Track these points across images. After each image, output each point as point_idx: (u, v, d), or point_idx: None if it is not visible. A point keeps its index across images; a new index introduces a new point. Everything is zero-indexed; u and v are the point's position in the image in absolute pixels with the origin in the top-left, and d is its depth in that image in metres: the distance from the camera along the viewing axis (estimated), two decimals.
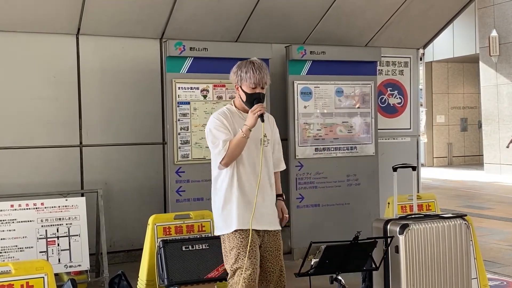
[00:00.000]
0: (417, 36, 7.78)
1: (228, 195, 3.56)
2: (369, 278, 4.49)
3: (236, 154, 3.45)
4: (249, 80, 3.50)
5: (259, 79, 3.50)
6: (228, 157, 3.44)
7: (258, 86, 3.51)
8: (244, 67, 3.56)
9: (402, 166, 4.53)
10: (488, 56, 16.34)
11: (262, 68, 3.54)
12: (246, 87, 3.53)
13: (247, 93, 3.53)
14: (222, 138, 3.47)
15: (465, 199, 11.72)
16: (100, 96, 6.34)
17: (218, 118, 3.57)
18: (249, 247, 3.48)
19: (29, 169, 6.02)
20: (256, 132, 3.50)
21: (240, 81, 3.56)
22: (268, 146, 3.63)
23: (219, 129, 3.52)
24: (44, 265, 3.17)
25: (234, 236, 3.54)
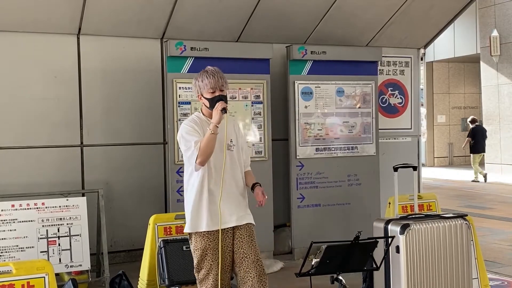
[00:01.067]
0: (418, 36, 7.78)
1: (197, 197, 3.73)
2: (369, 278, 4.49)
3: (208, 151, 3.61)
4: (207, 86, 3.74)
5: (214, 83, 3.72)
6: (201, 154, 3.60)
7: (217, 90, 3.73)
8: (199, 77, 3.80)
9: (403, 166, 4.53)
10: (489, 56, 16.33)
11: (216, 73, 3.76)
12: (206, 93, 3.75)
13: (208, 98, 3.75)
14: (194, 140, 3.66)
15: (466, 199, 11.71)
16: (101, 96, 6.34)
17: (189, 124, 3.78)
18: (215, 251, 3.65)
19: (30, 169, 6.03)
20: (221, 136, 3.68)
21: (200, 90, 3.79)
22: (234, 150, 3.80)
23: (190, 133, 3.71)
24: (45, 265, 3.17)
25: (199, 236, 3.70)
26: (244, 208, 3.81)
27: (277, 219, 6.55)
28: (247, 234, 3.74)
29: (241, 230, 3.75)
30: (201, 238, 3.70)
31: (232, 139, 3.82)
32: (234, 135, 3.85)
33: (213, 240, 3.67)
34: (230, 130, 3.79)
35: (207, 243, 3.67)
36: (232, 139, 3.82)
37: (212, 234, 3.67)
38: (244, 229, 3.76)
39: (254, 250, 3.74)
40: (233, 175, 3.78)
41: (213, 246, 3.67)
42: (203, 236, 3.69)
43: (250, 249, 3.72)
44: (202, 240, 3.69)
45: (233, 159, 3.79)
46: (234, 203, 3.76)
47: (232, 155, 3.79)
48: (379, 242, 3.86)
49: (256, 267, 3.67)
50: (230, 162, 3.76)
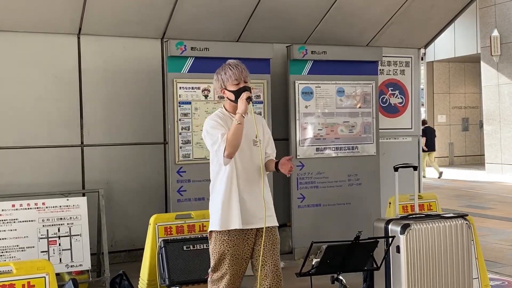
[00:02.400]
0: (418, 36, 7.78)
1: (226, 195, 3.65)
2: (370, 278, 4.49)
3: (236, 143, 3.51)
4: (231, 78, 3.64)
5: (239, 74, 3.63)
6: (228, 146, 3.50)
7: (241, 81, 3.64)
8: (222, 70, 3.72)
9: (403, 166, 4.53)
10: (490, 56, 16.32)
11: (239, 65, 3.69)
12: (230, 86, 3.65)
13: (232, 90, 3.65)
14: (220, 133, 3.57)
15: (466, 199, 11.71)
16: (101, 96, 6.34)
17: (213, 119, 3.70)
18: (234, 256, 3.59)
19: (30, 169, 6.03)
20: (248, 133, 3.61)
21: (224, 84, 3.69)
22: (260, 146, 3.70)
23: (215, 127, 3.62)
24: (46, 265, 3.17)
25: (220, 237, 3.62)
26: (269, 208, 3.72)
27: (278, 219, 6.53)
28: (269, 239, 3.67)
29: (265, 233, 3.66)
30: (221, 239, 3.62)
31: (257, 134, 3.72)
32: (260, 131, 3.75)
33: (234, 244, 3.59)
34: (255, 125, 3.68)
35: (227, 247, 3.60)
36: (258, 134, 3.72)
37: (234, 236, 3.60)
38: (267, 232, 3.66)
39: (274, 258, 3.66)
40: (258, 171, 3.69)
41: (233, 250, 3.59)
42: (225, 237, 3.60)
43: (271, 256, 3.65)
44: (222, 242, 3.61)
45: (257, 154, 3.70)
46: (260, 203, 3.66)
47: (257, 150, 3.70)
48: (380, 242, 3.86)
49: (274, 277, 3.61)
50: (256, 159, 3.67)
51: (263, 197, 3.62)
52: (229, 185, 3.62)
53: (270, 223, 3.68)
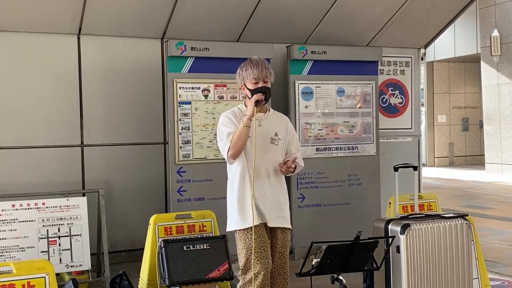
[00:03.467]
0: (418, 36, 7.78)
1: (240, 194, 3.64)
2: (370, 278, 4.48)
3: (240, 144, 3.50)
4: (250, 76, 3.63)
5: (258, 74, 3.61)
6: (232, 147, 3.50)
7: (260, 81, 3.62)
8: (244, 66, 3.69)
9: (403, 166, 4.53)
10: (490, 56, 16.32)
11: (261, 63, 3.65)
12: (249, 83, 3.65)
13: (250, 89, 3.63)
14: (227, 131, 3.57)
15: (466, 199, 11.71)
16: (101, 96, 6.34)
17: (227, 115, 3.69)
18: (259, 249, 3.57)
19: (30, 169, 6.03)
20: (265, 131, 3.60)
21: (243, 80, 3.68)
22: (279, 144, 3.68)
23: (226, 125, 3.62)
24: (46, 265, 3.17)
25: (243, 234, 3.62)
26: (281, 208, 3.69)
27: None
28: (280, 242, 3.66)
29: (275, 233, 3.66)
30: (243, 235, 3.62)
31: (277, 133, 3.68)
32: (281, 129, 3.71)
33: (258, 237, 3.57)
34: (276, 123, 3.68)
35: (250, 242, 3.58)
36: (278, 132, 3.69)
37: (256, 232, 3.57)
38: (279, 233, 3.66)
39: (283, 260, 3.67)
40: (273, 171, 3.66)
41: (258, 244, 3.57)
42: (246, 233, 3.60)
43: (280, 259, 3.67)
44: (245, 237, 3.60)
45: (274, 153, 3.66)
46: (274, 202, 3.64)
47: (274, 149, 3.66)
48: (380, 242, 3.85)
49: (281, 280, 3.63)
50: (272, 157, 3.65)
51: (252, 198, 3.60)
52: (242, 182, 3.60)
53: (281, 223, 3.68)
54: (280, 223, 3.67)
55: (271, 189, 3.66)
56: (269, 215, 3.63)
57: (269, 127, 3.63)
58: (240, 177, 3.62)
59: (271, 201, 3.65)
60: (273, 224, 3.64)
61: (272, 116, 3.67)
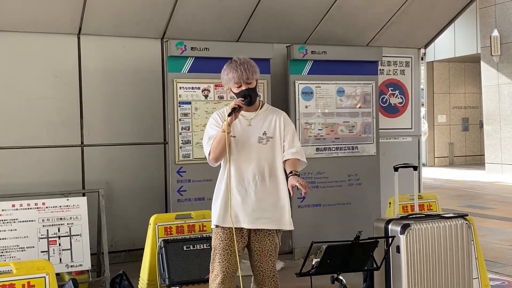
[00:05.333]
0: (419, 35, 7.78)
1: (218, 190, 3.61)
2: (370, 278, 4.48)
3: (219, 150, 3.47)
4: (232, 80, 3.54)
5: (238, 78, 3.50)
6: (212, 152, 3.50)
7: (243, 83, 3.53)
8: (225, 70, 3.60)
9: (403, 166, 4.53)
10: (490, 56, 16.32)
11: (239, 66, 3.52)
12: (233, 87, 3.58)
13: (235, 93, 3.58)
14: (210, 135, 3.55)
15: (466, 199, 11.71)
16: (102, 96, 6.34)
17: (214, 117, 3.64)
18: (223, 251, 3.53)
19: (30, 169, 6.03)
20: (254, 131, 3.55)
21: (228, 84, 3.61)
22: (267, 144, 3.57)
23: (212, 127, 3.60)
24: (46, 265, 3.17)
25: (216, 232, 3.58)
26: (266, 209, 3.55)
27: None
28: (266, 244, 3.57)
29: (257, 236, 3.57)
30: (214, 235, 3.59)
31: (265, 131, 3.58)
32: (271, 127, 3.60)
33: (225, 239, 3.52)
34: (267, 121, 3.59)
35: (219, 240, 3.54)
36: (267, 131, 3.58)
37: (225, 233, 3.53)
38: (263, 236, 3.57)
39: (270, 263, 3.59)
40: (260, 171, 3.54)
41: (223, 246, 3.52)
42: (216, 233, 3.56)
43: (267, 262, 3.58)
44: (215, 237, 3.58)
45: (262, 153, 3.56)
46: (256, 203, 3.53)
47: (262, 149, 3.56)
48: (380, 242, 3.86)
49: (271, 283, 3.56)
50: (257, 157, 3.54)
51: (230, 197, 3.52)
52: (223, 183, 3.57)
53: (263, 225, 3.56)
54: (261, 224, 3.55)
55: (257, 191, 3.54)
56: (249, 217, 3.52)
57: (258, 126, 3.55)
58: (221, 176, 3.60)
59: (255, 204, 3.52)
60: (251, 225, 3.53)
61: (264, 113, 3.57)
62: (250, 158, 3.54)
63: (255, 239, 3.59)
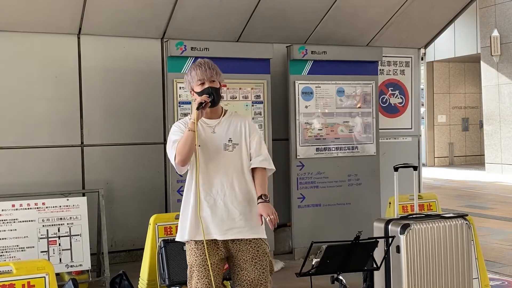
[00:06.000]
0: (419, 36, 7.78)
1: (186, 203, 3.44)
2: (370, 278, 4.49)
3: (185, 150, 3.27)
4: (195, 78, 3.41)
5: (201, 74, 3.38)
6: (178, 153, 3.30)
7: (206, 81, 3.39)
8: (188, 71, 3.50)
9: (403, 166, 4.53)
10: (490, 56, 16.32)
11: (203, 64, 3.43)
12: (195, 87, 3.43)
13: (197, 92, 3.41)
14: (173, 139, 3.39)
15: (466, 199, 11.71)
16: (101, 96, 6.34)
17: (177, 125, 3.50)
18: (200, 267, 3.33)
19: (30, 169, 6.03)
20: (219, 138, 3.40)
21: (190, 85, 3.47)
22: (233, 151, 3.41)
23: (174, 133, 3.43)
24: (45, 264, 3.17)
25: (190, 248, 3.39)
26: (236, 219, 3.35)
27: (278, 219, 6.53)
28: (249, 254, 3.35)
29: (240, 245, 3.36)
30: (189, 251, 3.37)
31: (231, 138, 3.41)
32: (236, 133, 3.44)
33: (200, 255, 3.31)
34: (231, 128, 3.42)
35: (194, 257, 3.34)
36: (232, 138, 3.42)
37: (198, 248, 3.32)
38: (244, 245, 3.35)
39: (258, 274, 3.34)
40: (228, 180, 3.37)
41: (199, 262, 3.31)
42: (191, 249, 3.36)
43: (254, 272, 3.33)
44: (189, 253, 3.36)
45: (229, 161, 3.39)
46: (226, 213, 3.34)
47: (228, 156, 3.39)
48: (380, 242, 3.86)
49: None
50: (223, 165, 3.37)
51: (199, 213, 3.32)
52: (191, 195, 3.39)
53: (236, 235, 3.35)
54: (233, 235, 3.34)
55: (226, 201, 3.36)
56: (219, 229, 3.33)
57: (223, 133, 3.39)
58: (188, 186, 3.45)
59: (224, 214, 3.34)
60: (223, 237, 3.33)
61: (228, 120, 3.43)
62: (217, 167, 3.37)
63: (235, 250, 3.37)
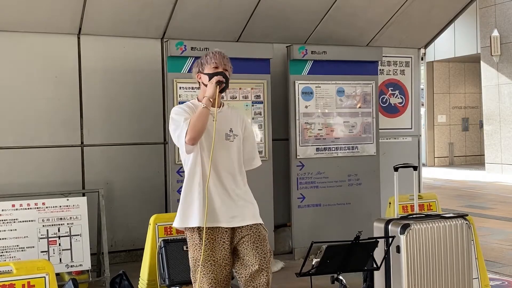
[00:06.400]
0: (418, 36, 7.78)
1: (189, 189, 3.40)
2: (370, 278, 4.49)
3: (199, 127, 3.20)
4: (210, 61, 3.40)
5: (220, 59, 3.39)
6: (191, 130, 3.19)
7: (220, 67, 3.39)
8: (202, 56, 3.48)
9: (403, 166, 4.53)
10: (490, 56, 16.32)
11: (221, 52, 3.45)
12: (208, 69, 3.40)
13: (208, 73, 3.39)
14: (184, 117, 3.29)
15: (466, 199, 11.71)
16: (101, 96, 6.34)
17: (180, 107, 3.43)
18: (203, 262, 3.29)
19: (30, 169, 6.03)
20: (221, 127, 3.37)
21: (201, 67, 3.43)
22: (234, 141, 3.41)
23: (180, 113, 3.34)
24: (46, 265, 3.17)
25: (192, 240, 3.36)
26: (241, 207, 3.36)
27: (278, 219, 6.55)
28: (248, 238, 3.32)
29: (243, 232, 3.34)
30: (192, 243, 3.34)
31: (232, 128, 3.41)
32: (236, 125, 3.45)
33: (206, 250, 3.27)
34: (231, 119, 3.43)
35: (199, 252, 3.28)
36: (233, 128, 3.42)
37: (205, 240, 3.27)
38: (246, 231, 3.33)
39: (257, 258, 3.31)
40: (229, 169, 3.38)
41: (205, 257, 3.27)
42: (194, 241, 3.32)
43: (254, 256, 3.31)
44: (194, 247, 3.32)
45: (231, 150, 3.39)
46: (229, 201, 3.34)
47: (229, 146, 3.38)
48: (380, 242, 3.86)
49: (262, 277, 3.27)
50: (226, 154, 3.36)
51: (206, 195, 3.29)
52: (193, 180, 3.36)
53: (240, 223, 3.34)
54: (238, 222, 3.35)
55: (232, 189, 3.37)
56: (226, 216, 3.32)
57: (224, 122, 3.36)
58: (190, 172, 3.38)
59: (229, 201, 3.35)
60: (230, 224, 3.33)
61: (227, 111, 3.42)
62: (220, 155, 3.35)
63: (237, 238, 3.36)
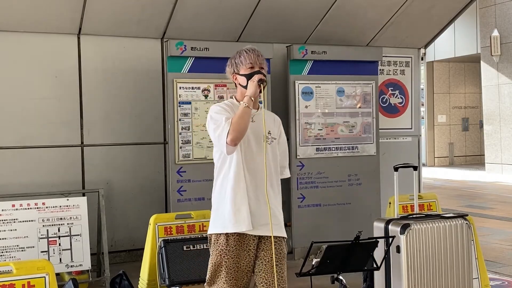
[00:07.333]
0: (419, 35, 7.78)
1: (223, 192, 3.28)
2: (370, 278, 4.49)
3: (242, 126, 3.09)
4: (245, 61, 3.30)
5: (254, 58, 3.29)
6: (233, 130, 3.08)
7: (256, 66, 3.30)
8: (236, 54, 3.39)
9: (403, 166, 4.53)
10: (490, 56, 16.33)
11: (255, 50, 3.35)
12: (243, 70, 3.31)
13: (245, 74, 3.29)
14: (225, 117, 3.17)
15: (466, 199, 11.71)
16: (101, 96, 6.34)
17: (219, 105, 3.33)
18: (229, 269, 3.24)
19: (30, 169, 6.03)
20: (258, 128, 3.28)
21: (236, 68, 3.34)
22: (272, 144, 3.32)
23: (220, 112, 3.24)
24: (46, 264, 3.17)
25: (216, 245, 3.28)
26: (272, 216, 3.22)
27: None
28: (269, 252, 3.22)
29: (266, 244, 3.24)
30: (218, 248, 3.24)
31: (270, 131, 3.30)
32: (274, 128, 3.36)
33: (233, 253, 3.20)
34: (268, 121, 3.30)
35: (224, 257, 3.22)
36: (271, 131, 3.31)
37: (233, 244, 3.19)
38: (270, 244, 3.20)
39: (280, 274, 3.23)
40: (269, 172, 3.25)
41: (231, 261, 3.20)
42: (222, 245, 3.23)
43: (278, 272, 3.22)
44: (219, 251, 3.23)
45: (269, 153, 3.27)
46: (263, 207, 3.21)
47: (268, 148, 3.27)
48: (380, 242, 3.86)
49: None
50: (265, 156, 3.22)
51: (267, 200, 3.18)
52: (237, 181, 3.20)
53: (276, 232, 3.23)
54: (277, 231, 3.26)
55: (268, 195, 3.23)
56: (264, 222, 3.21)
57: (261, 124, 3.24)
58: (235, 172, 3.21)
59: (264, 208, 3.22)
60: (261, 232, 3.22)
61: (265, 113, 3.29)
62: (255, 156, 3.25)
63: (261, 248, 3.27)
